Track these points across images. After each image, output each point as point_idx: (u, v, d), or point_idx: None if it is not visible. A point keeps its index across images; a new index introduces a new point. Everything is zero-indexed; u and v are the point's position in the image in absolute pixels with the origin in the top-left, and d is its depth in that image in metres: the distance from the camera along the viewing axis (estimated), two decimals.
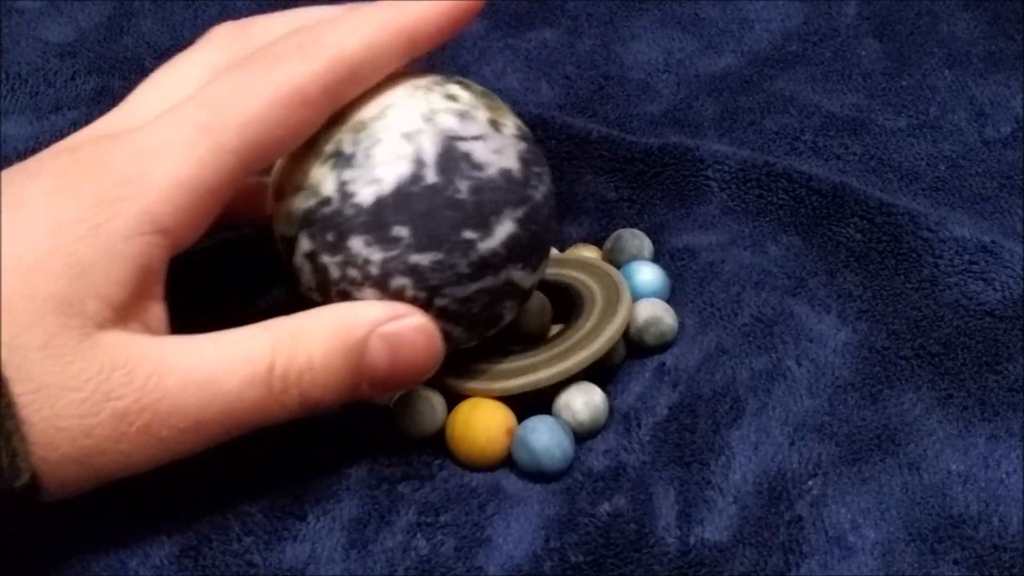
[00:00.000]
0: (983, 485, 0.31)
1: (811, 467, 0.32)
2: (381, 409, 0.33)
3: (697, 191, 0.40)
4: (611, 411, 0.34)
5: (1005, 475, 0.31)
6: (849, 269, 0.37)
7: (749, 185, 0.40)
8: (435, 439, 0.33)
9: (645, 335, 0.35)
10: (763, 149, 0.42)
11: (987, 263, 0.36)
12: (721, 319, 0.36)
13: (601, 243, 0.39)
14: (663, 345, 0.35)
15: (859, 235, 0.38)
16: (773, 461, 0.32)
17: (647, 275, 0.37)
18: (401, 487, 0.31)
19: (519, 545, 0.30)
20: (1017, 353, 0.34)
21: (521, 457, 0.32)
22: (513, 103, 0.33)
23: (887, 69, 0.46)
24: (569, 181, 0.41)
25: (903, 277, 0.36)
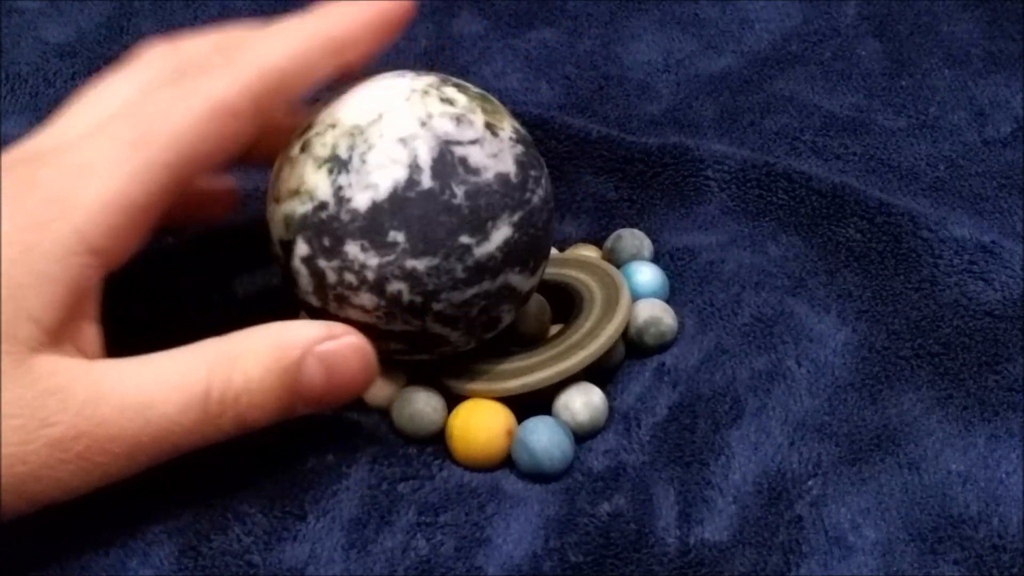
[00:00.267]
0: (983, 485, 0.31)
1: (811, 467, 0.32)
2: (381, 409, 0.33)
3: (697, 191, 0.40)
4: (611, 411, 0.34)
5: (1005, 475, 0.31)
6: (849, 269, 0.37)
7: (749, 185, 0.40)
8: (435, 439, 0.33)
9: (645, 335, 0.35)
10: (763, 149, 0.42)
11: (987, 263, 0.36)
12: (721, 319, 0.36)
13: (601, 243, 0.39)
14: (663, 345, 0.35)
15: (859, 235, 0.38)
16: (773, 461, 0.32)
17: (647, 275, 0.36)
18: (401, 487, 0.31)
19: (519, 545, 0.30)
20: (1017, 353, 0.34)
21: (521, 457, 0.32)
22: (513, 103, 0.33)
23: (887, 69, 0.46)
24: (569, 181, 0.41)
25: (903, 277, 0.36)
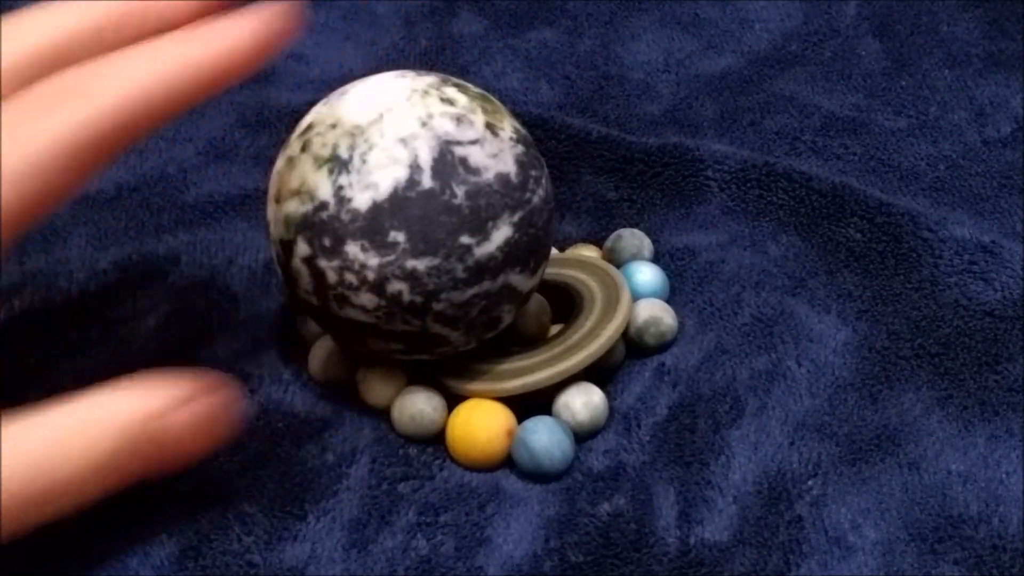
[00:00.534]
0: (983, 485, 0.31)
1: (811, 467, 0.32)
2: (381, 409, 0.33)
3: (697, 191, 0.40)
4: (611, 411, 0.34)
5: (1005, 475, 0.31)
6: (849, 269, 0.37)
7: (749, 185, 0.40)
8: (435, 439, 0.33)
9: (645, 335, 0.35)
10: (763, 149, 0.42)
11: (987, 263, 0.36)
12: (721, 319, 0.36)
13: (601, 243, 0.39)
14: (663, 345, 0.35)
15: (859, 235, 0.38)
16: (773, 461, 0.32)
17: (647, 275, 0.36)
18: (401, 487, 0.31)
19: (519, 545, 0.30)
20: (1017, 353, 0.34)
21: (521, 458, 0.32)
22: (513, 103, 0.33)
23: (887, 69, 0.46)
24: (569, 181, 0.41)
25: (903, 277, 0.36)
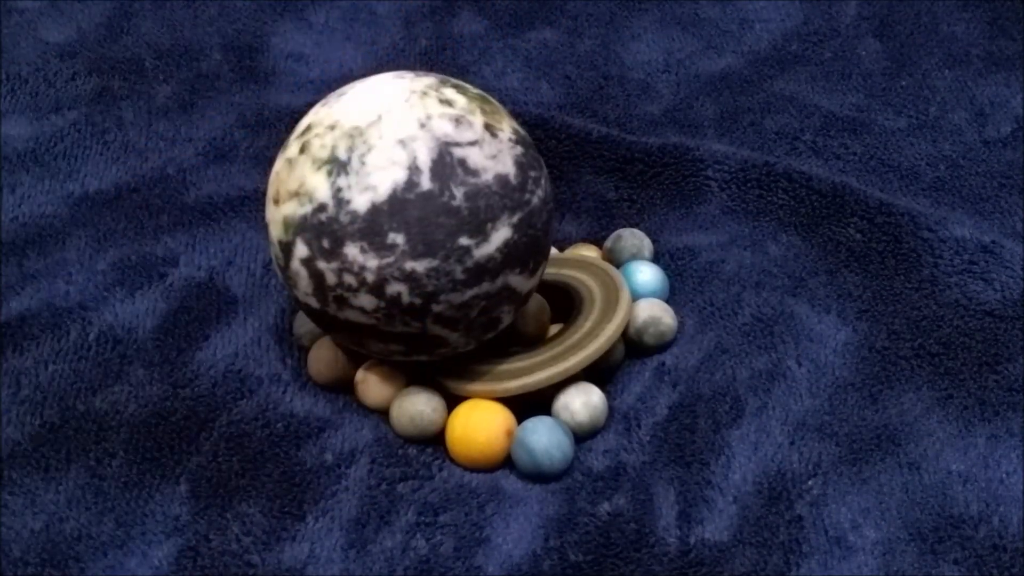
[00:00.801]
0: (983, 485, 0.31)
1: (811, 467, 0.31)
2: (380, 410, 0.33)
3: (697, 191, 0.40)
4: (611, 411, 0.34)
5: (1005, 475, 0.31)
6: (849, 269, 0.37)
7: (749, 185, 0.40)
8: (435, 439, 0.33)
9: (644, 335, 0.35)
10: (763, 149, 0.42)
11: (987, 263, 0.36)
12: (721, 319, 0.36)
13: (601, 243, 0.39)
14: (662, 345, 0.35)
15: (859, 235, 0.38)
16: (773, 461, 0.32)
17: (647, 275, 0.36)
18: (401, 487, 0.31)
19: (519, 544, 0.30)
20: (1017, 353, 0.34)
21: (520, 458, 0.32)
22: (513, 103, 0.33)
23: (887, 69, 0.46)
24: (569, 181, 0.41)
25: (903, 277, 0.36)
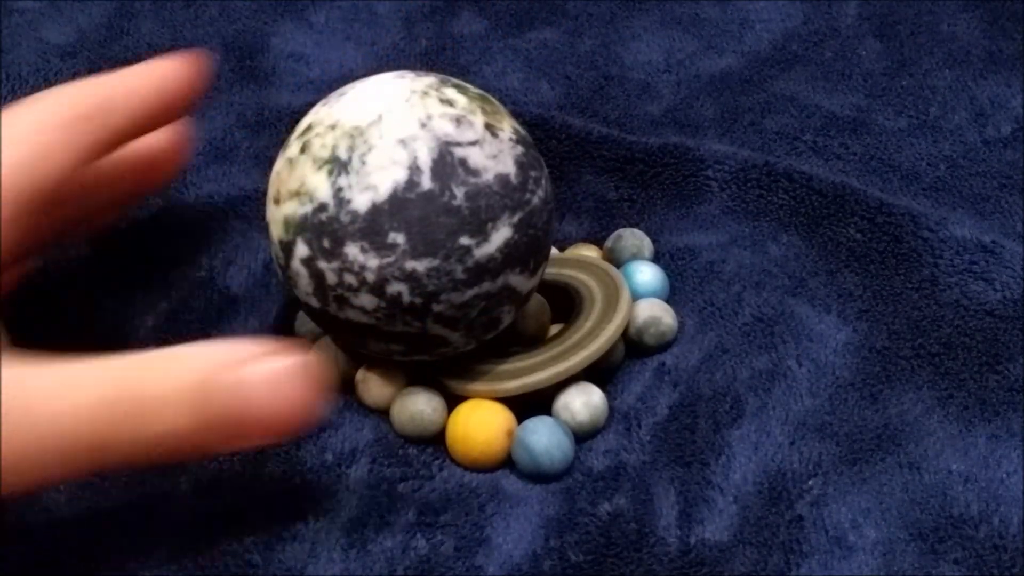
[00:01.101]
0: (983, 485, 0.31)
1: (811, 467, 0.31)
2: (380, 409, 0.33)
3: (697, 191, 0.40)
4: (611, 411, 0.34)
5: (1005, 475, 0.31)
6: (849, 269, 0.37)
7: (749, 185, 0.40)
8: (435, 439, 0.33)
9: (645, 335, 0.35)
10: (763, 149, 0.42)
11: (987, 263, 0.36)
12: (721, 319, 0.36)
13: (601, 243, 0.39)
14: (663, 345, 0.35)
15: (859, 235, 0.38)
16: (773, 461, 0.32)
17: (647, 275, 0.36)
18: (401, 487, 0.31)
19: (519, 545, 0.30)
20: (1017, 353, 0.34)
21: (521, 458, 0.32)
22: (513, 103, 0.33)
23: (887, 69, 0.46)
24: (569, 181, 0.41)
25: (903, 277, 0.36)
